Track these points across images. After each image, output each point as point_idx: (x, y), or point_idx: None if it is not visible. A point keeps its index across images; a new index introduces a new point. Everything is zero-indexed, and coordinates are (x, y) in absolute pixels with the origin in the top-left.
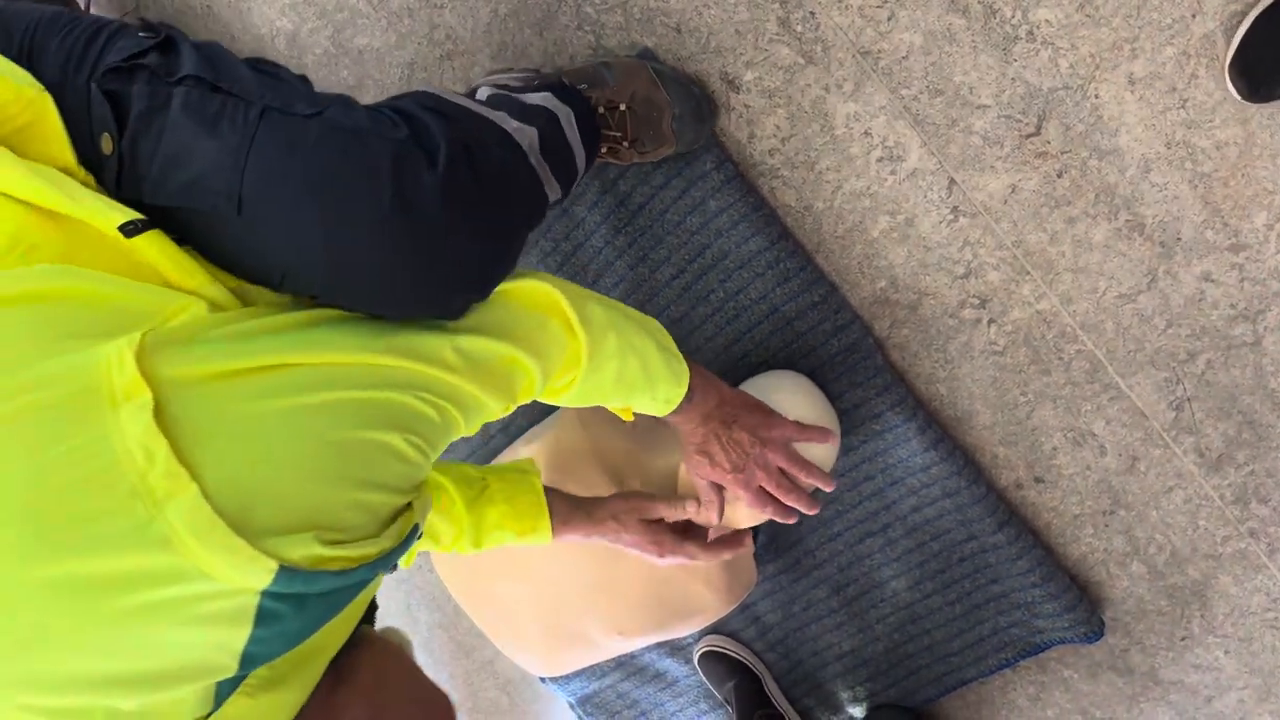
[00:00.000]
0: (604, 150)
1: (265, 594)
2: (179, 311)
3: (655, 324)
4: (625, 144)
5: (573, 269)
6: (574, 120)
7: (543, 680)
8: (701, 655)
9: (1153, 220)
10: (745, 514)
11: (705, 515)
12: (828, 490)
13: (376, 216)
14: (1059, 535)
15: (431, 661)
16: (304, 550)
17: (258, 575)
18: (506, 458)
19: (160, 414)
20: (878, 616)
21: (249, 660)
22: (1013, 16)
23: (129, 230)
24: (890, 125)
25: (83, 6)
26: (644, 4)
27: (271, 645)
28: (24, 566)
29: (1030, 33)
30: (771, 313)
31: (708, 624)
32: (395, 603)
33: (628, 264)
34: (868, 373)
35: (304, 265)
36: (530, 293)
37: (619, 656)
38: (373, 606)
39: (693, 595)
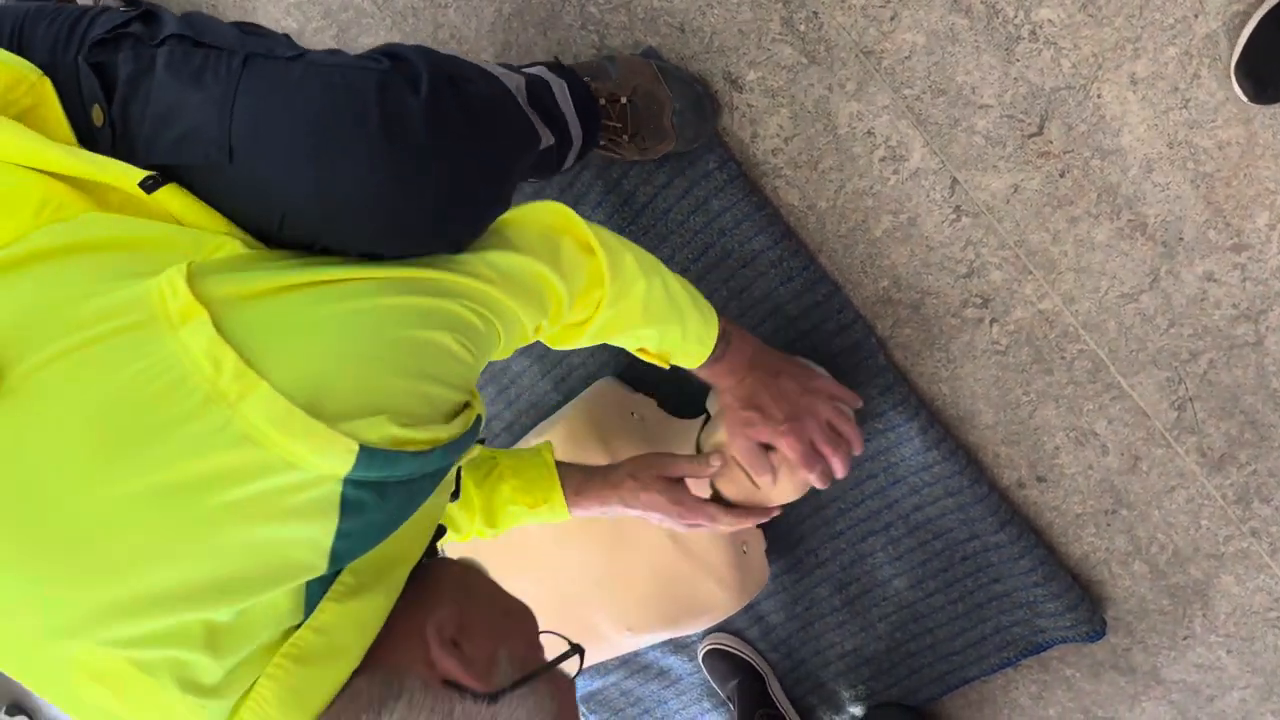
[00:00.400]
0: (604, 142)
1: (348, 481)
2: (217, 249)
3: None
4: (626, 137)
5: None
6: (567, 92)
7: None
8: (706, 653)
9: (1155, 220)
10: (780, 490)
11: (760, 478)
12: (857, 453)
13: (364, 143)
14: (1061, 534)
15: None
16: (380, 431)
17: (340, 458)
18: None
19: (220, 328)
20: (880, 615)
21: (337, 557)
22: (1015, 16)
23: (149, 185)
24: (893, 125)
25: (91, 1)
26: (648, 3)
27: (357, 540)
28: (110, 486)
29: (1033, 32)
30: (774, 312)
31: (718, 621)
32: None
33: None
34: (870, 372)
35: (301, 203)
36: (540, 212)
37: (623, 655)
38: (440, 530)
39: (704, 592)
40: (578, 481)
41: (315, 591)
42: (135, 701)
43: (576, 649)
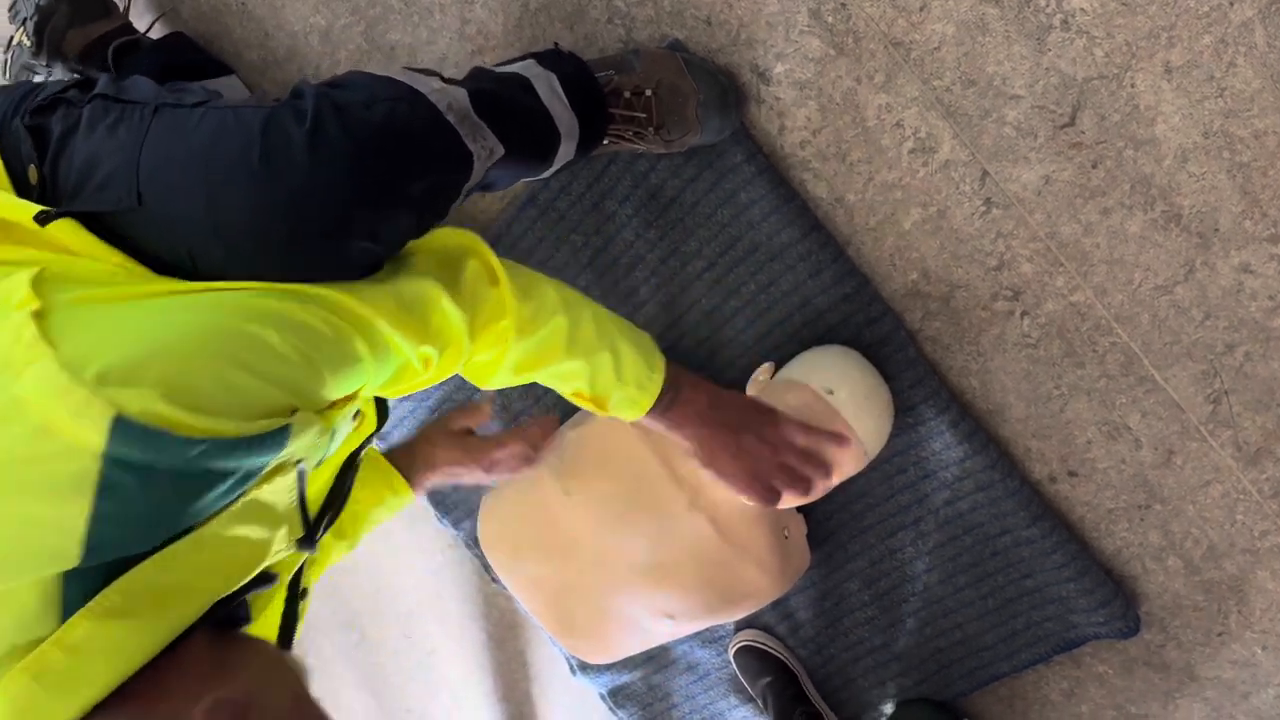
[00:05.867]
0: (630, 135)
1: (107, 459)
2: (88, 264)
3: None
4: (651, 130)
5: (604, 263)
6: (557, 84)
7: (574, 673)
8: (738, 650)
9: (1190, 211)
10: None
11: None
12: (831, 481)
13: (247, 173)
14: (1093, 529)
15: (462, 652)
16: (144, 403)
17: (95, 425)
18: (552, 445)
19: (44, 315)
20: (909, 611)
21: (92, 549)
22: (1047, 5)
23: (42, 219)
24: (922, 116)
25: (121, 8)
26: None
27: (116, 531)
28: None
29: (1065, 22)
30: (803, 305)
31: (759, 608)
32: (426, 591)
33: (659, 257)
34: (900, 365)
35: (201, 237)
36: (443, 237)
37: (649, 650)
38: (265, 577)
39: (744, 579)
40: (404, 463)
41: (73, 598)
42: None
43: None
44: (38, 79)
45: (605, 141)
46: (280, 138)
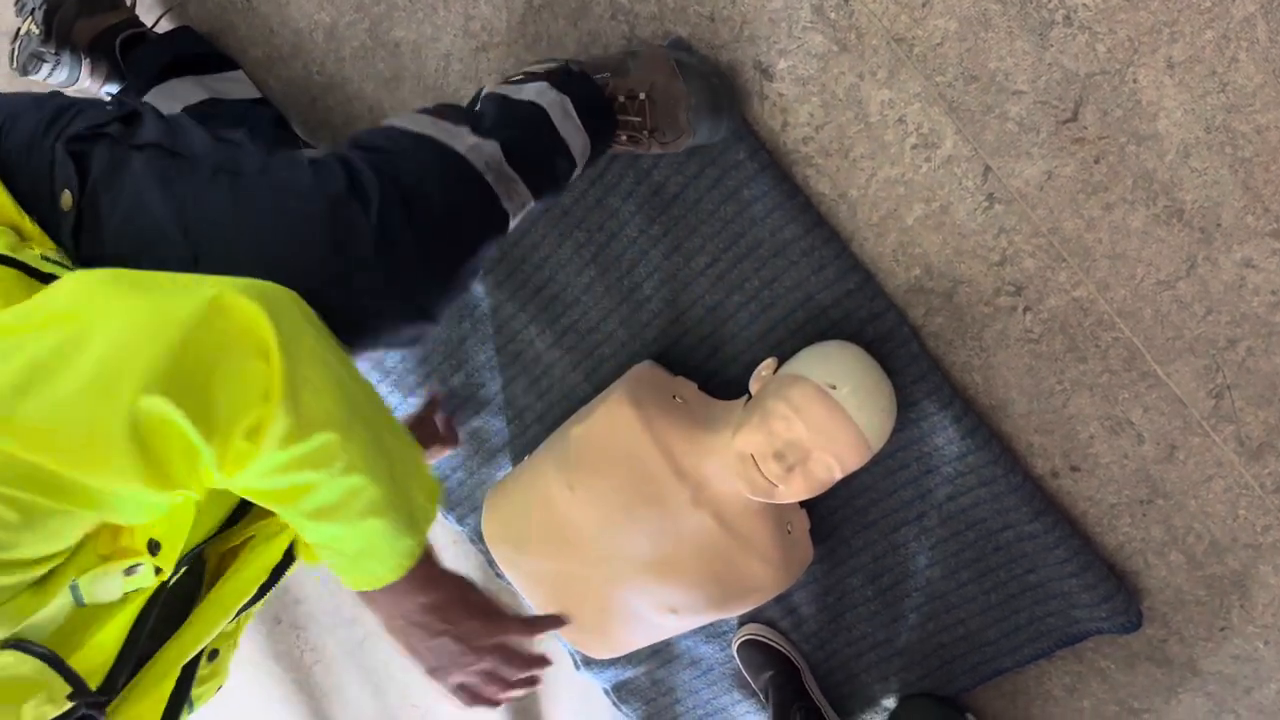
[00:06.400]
0: (625, 138)
1: None
2: None
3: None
4: (646, 133)
5: (607, 259)
6: (571, 106)
7: (578, 668)
8: (741, 644)
9: (1192, 205)
10: (793, 489)
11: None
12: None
13: (316, 262)
14: (1096, 524)
15: None
16: None
17: None
18: (556, 439)
19: None
20: (912, 606)
21: None
22: (1049, 1)
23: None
24: (925, 112)
25: (129, 2)
26: None
27: None
28: None
29: (1067, 17)
30: (806, 301)
31: (763, 602)
32: None
33: (662, 253)
34: (903, 361)
35: None
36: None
37: (654, 644)
38: None
39: (748, 573)
40: None
41: None
42: None
43: None
44: (46, 67)
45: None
46: (347, 232)
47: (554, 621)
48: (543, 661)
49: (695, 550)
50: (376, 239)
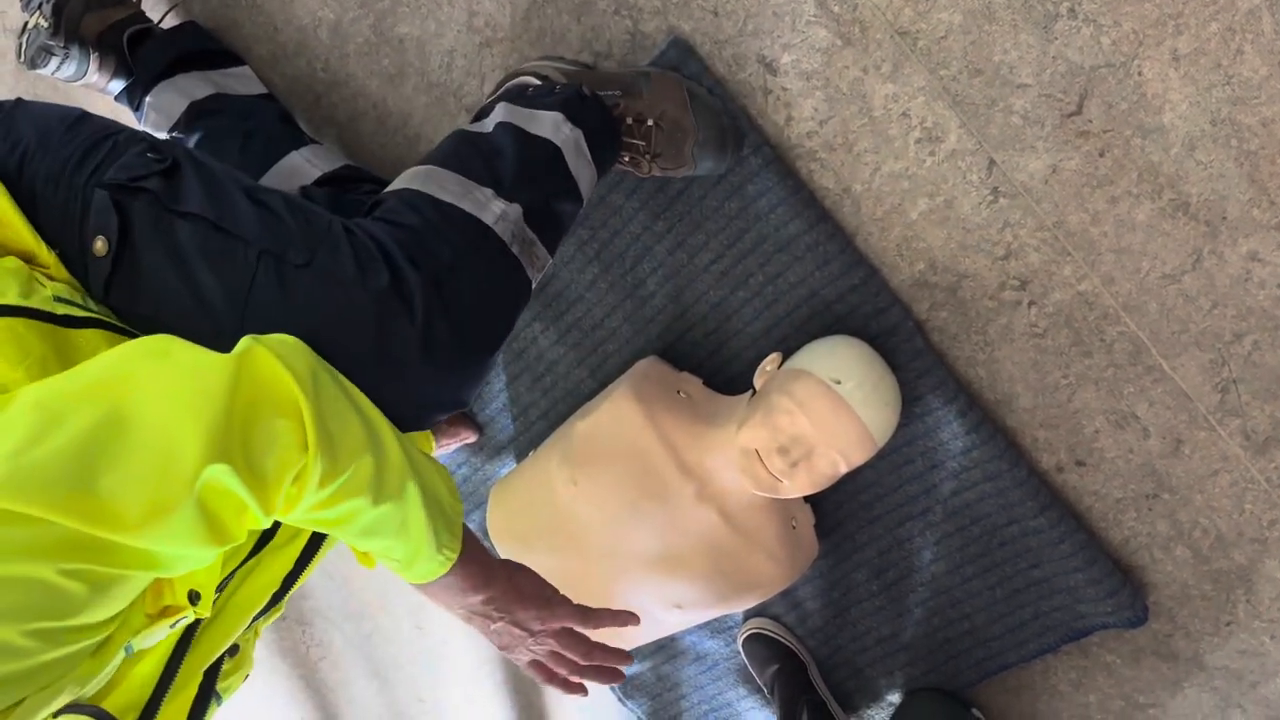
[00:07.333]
0: (627, 159)
1: None
2: None
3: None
4: (648, 157)
5: (610, 256)
6: (584, 143)
7: None
8: (747, 638)
9: (1197, 199)
10: (798, 484)
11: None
12: (625, 666)
13: (360, 365)
14: (1101, 519)
15: (474, 643)
16: None
17: None
18: (560, 435)
19: None
20: (917, 601)
21: None
22: None
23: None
24: (929, 106)
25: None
26: None
27: None
28: None
29: (1072, 9)
30: (811, 296)
31: (768, 597)
32: None
33: (666, 249)
34: (908, 356)
35: None
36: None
37: (659, 640)
38: None
39: (752, 568)
40: None
41: None
42: None
43: None
44: (54, 61)
45: None
46: (391, 334)
47: (612, 616)
48: (620, 656)
49: (700, 545)
50: (422, 344)
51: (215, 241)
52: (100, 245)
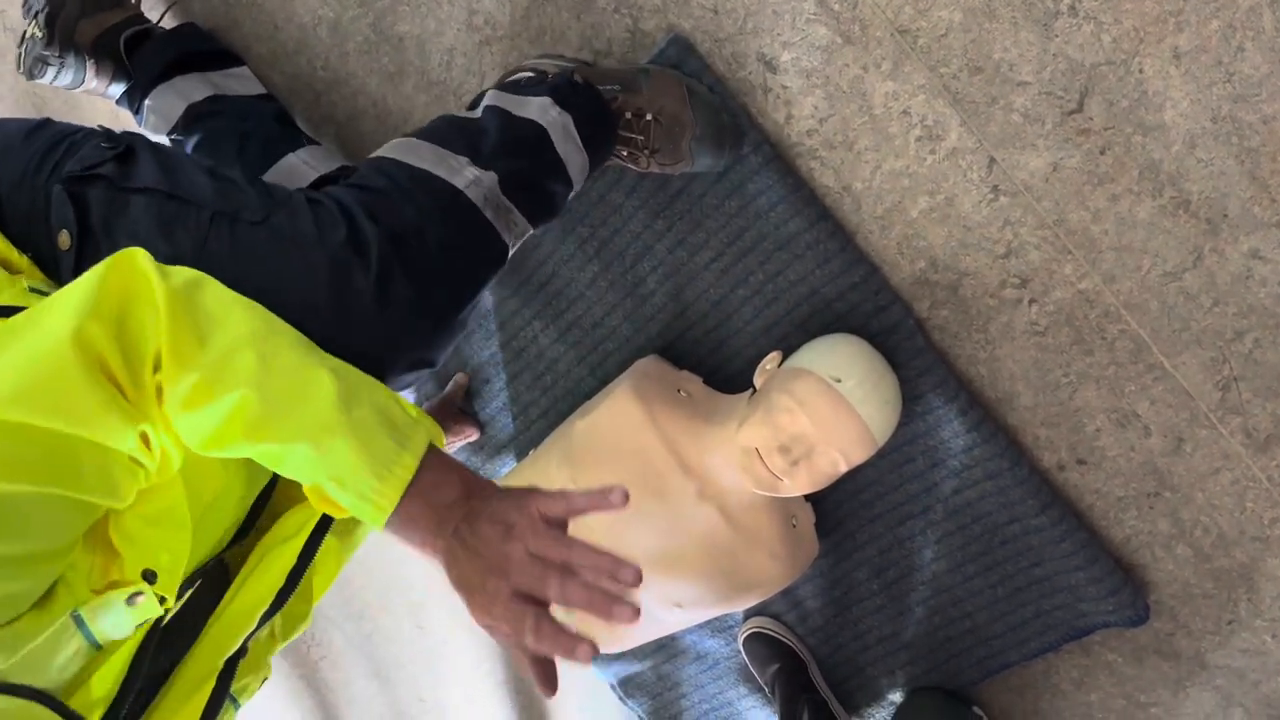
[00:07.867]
0: (625, 154)
1: None
2: None
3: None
4: (646, 152)
5: (610, 254)
6: (572, 126)
7: None
8: (747, 637)
9: (1198, 196)
10: (798, 483)
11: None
12: (630, 579)
13: (317, 319)
14: (1103, 517)
15: (474, 642)
16: None
17: None
18: (560, 434)
19: None
20: (918, 599)
21: None
22: None
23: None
24: (929, 104)
25: (132, 0)
26: None
27: None
28: None
29: (1072, 7)
30: (811, 294)
31: (768, 596)
32: (437, 581)
33: (666, 248)
34: (909, 354)
35: None
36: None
37: (659, 639)
38: None
39: (753, 567)
40: None
41: None
42: None
43: None
44: (51, 70)
45: None
46: (347, 288)
47: (598, 496)
48: (627, 568)
49: (700, 544)
50: (377, 296)
51: (169, 209)
52: (64, 239)
